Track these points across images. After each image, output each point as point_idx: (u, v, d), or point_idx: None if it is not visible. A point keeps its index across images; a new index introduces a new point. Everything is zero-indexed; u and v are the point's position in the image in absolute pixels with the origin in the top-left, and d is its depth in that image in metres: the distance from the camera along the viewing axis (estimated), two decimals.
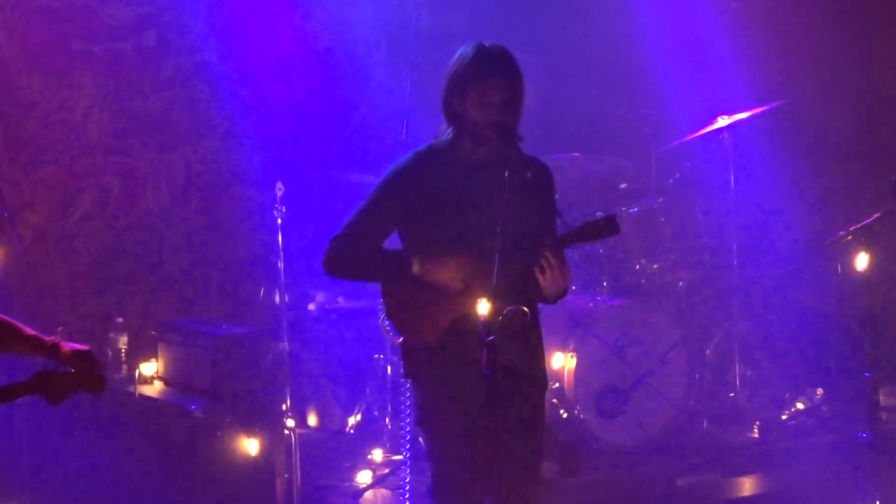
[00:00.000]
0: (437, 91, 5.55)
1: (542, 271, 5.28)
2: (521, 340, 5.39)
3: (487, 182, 5.38)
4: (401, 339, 5.58)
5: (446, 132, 5.54)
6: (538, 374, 5.61)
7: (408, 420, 7.47)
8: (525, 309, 5.17)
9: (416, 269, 5.41)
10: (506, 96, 5.42)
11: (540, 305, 5.58)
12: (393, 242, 5.59)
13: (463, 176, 5.47)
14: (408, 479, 7.47)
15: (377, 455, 8.31)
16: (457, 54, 5.51)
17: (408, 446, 7.50)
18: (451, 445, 5.47)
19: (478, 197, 5.42)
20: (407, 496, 7.42)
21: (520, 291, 5.30)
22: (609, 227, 5.36)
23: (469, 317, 5.19)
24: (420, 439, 6.54)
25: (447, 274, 5.39)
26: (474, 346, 5.06)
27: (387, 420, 8.42)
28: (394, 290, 5.51)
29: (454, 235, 5.43)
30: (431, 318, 5.42)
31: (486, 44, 5.49)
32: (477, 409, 5.26)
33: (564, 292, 5.45)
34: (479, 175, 5.45)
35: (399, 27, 8.79)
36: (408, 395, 7.37)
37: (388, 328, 5.68)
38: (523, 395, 5.49)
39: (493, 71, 5.42)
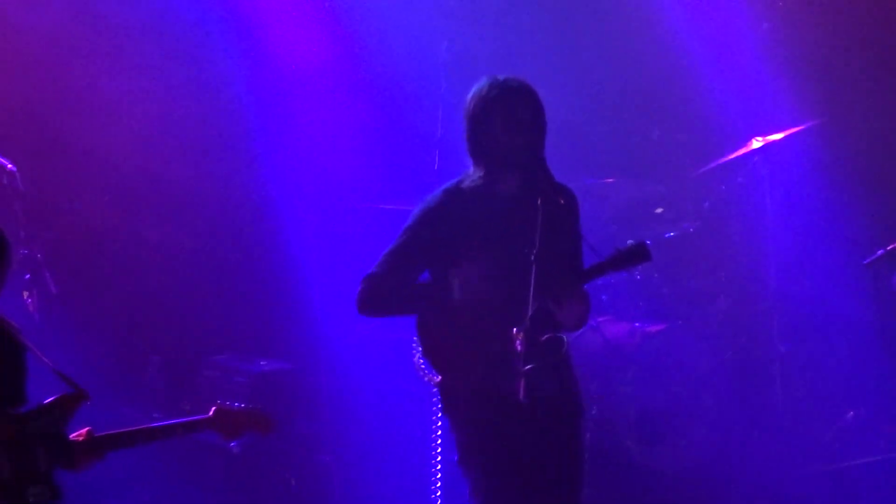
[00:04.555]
0: None
1: (559, 305, 5.22)
2: (554, 370, 5.32)
3: (518, 214, 5.36)
4: (438, 379, 5.53)
5: (474, 170, 5.50)
6: (574, 402, 5.57)
7: (440, 451, 7.42)
8: (562, 336, 5.13)
9: (457, 294, 5.35)
10: (533, 134, 5.40)
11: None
12: None
13: (494, 211, 5.45)
14: None
15: (414, 489, 8.25)
16: (473, 92, 5.47)
17: (439, 477, 7.45)
18: (495, 480, 5.44)
19: (509, 230, 5.40)
20: None
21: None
22: (640, 254, 5.30)
23: (507, 350, 5.15)
24: (464, 477, 6.50)
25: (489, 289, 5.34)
26: (512, 379, 5.01)
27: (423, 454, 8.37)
28: (429, 328, 5.46)
29: (487, 270, 5.39)
30: (468, 356, 5.37)
31: (502, 78, 5.45)
32: (517, 442, 5.25)
33: (578, 326, 5.42)
34: (510, 208, 5.43)
35: (428, 57, 8.77)
36: (442, 429, 7.32)
37: (424, 367, 5.63)
38: (561, 425, 5.47)
39: (518, 110, 5.39)
